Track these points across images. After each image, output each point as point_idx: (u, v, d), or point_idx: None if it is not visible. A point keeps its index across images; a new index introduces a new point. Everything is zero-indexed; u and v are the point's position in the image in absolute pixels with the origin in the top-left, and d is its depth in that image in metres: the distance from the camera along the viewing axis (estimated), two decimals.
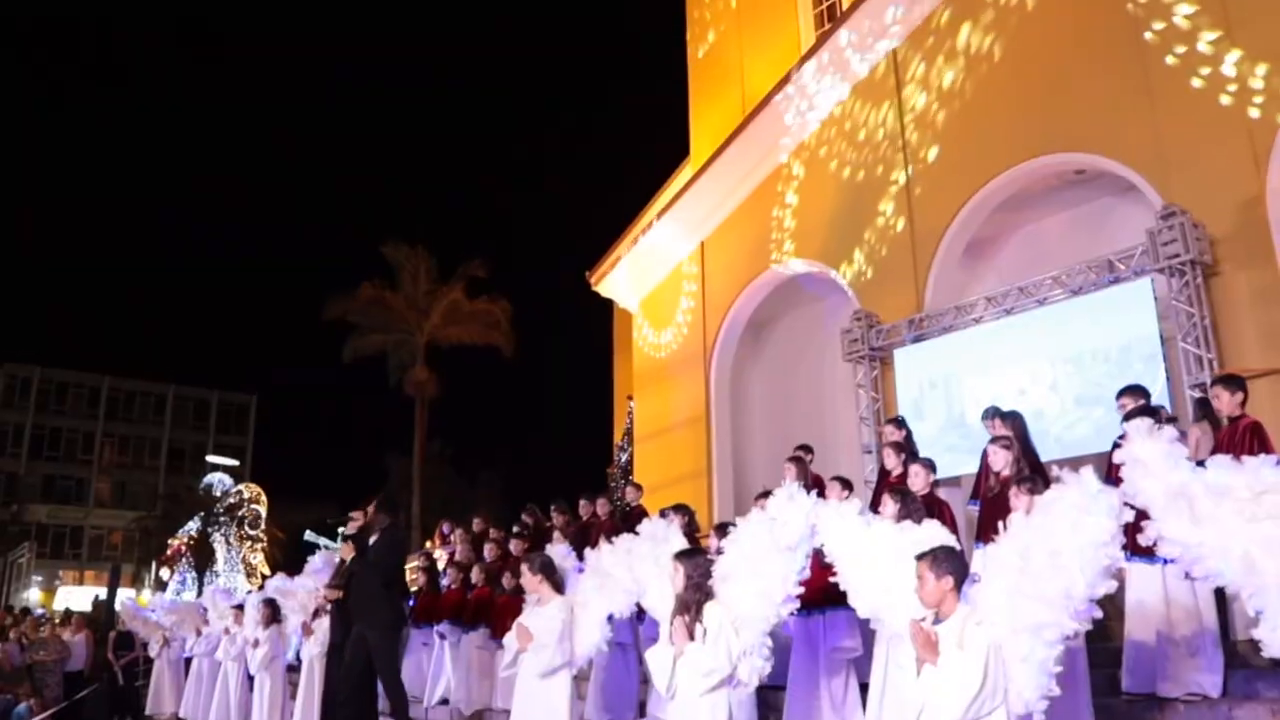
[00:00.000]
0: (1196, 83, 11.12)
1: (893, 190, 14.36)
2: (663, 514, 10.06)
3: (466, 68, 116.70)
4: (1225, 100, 10.87)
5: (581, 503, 11.99)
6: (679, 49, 20.13)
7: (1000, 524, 4.61)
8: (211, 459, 47.89)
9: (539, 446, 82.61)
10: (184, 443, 69.49)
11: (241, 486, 38.01)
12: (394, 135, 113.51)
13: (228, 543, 34.53)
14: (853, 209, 14.92)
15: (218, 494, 36.44)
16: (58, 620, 19.98)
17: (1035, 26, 12.91)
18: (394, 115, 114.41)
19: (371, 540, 9.49)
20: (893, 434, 9.61)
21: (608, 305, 22.24)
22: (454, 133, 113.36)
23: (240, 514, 35.09)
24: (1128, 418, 6.42)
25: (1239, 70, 10.82)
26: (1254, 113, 10.64)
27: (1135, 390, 7.83)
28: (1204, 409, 9.25)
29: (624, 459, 20.95)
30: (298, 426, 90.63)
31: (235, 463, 49.40)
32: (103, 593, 25.19)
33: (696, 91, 19.51)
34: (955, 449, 12.47)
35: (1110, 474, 6.21)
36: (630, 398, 20.40)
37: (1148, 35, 11.61)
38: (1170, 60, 11.37)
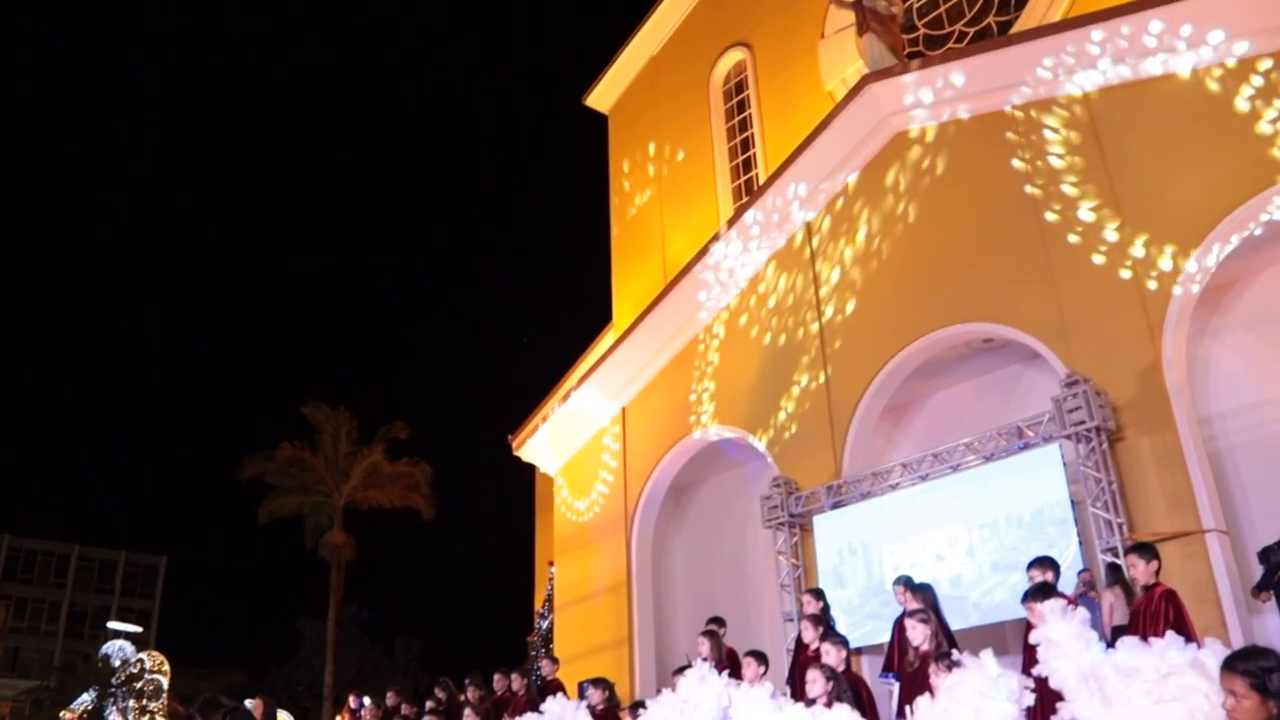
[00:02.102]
0: (1097, 259, 11.71)
1: (810, 358, 14.65)
2: (582, 687, 9.75)
3: (390, 229, 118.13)
4: (1125, 274, 11.42)
5: (496, 676, 11.63)
6: (603, 218, 20.67)
7: (908, 707, 4.55)
8: (113, 625, 45.52)
9: (459, 613, 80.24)
10: (86, 606, 66.05)
11: (143, 655, 36.08)
12: (318, 295, 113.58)
13: (124, 718, 32.57)
14: (772, 376, 15.15)
15: (116, 663, 34.50)
16: None
17: (941, 206, 13.52)
18: (318, 275, 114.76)
19: None
20: (810, 606, 9.53)
21: (529, 470, 22.04)
22: (378, 295, 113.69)
23: (139, 685, 33.21)
24: (1025, 597, 6.50)
25: (1133, 248, 11.43)
26: (1151, 285, 11.19)
27: (1043, 562, 7.90)
28: (1115, 574, 9.36)
29: (545, 626, 20.41)
30: (208, 589, 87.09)
31: (138, 629, 46.93)
32: None
33: (619, 259, 19.93)
34: (876, 615, 12.39)
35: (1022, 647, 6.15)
36: (551, 563, 20.02)
37: (1048, 216, 12.24)
38: (1072, 239, 11.98)
